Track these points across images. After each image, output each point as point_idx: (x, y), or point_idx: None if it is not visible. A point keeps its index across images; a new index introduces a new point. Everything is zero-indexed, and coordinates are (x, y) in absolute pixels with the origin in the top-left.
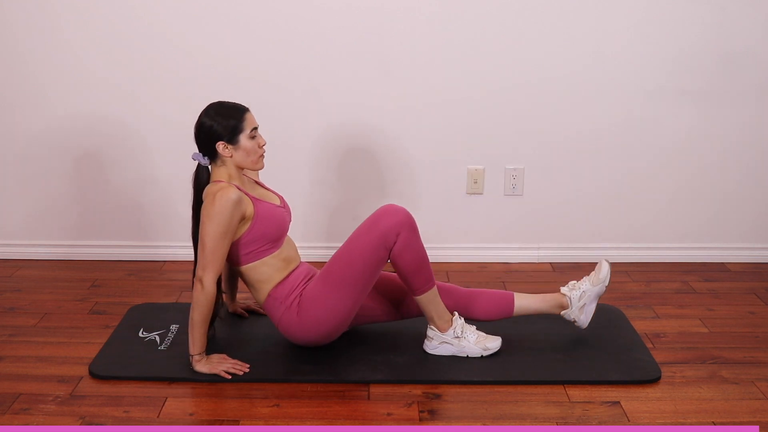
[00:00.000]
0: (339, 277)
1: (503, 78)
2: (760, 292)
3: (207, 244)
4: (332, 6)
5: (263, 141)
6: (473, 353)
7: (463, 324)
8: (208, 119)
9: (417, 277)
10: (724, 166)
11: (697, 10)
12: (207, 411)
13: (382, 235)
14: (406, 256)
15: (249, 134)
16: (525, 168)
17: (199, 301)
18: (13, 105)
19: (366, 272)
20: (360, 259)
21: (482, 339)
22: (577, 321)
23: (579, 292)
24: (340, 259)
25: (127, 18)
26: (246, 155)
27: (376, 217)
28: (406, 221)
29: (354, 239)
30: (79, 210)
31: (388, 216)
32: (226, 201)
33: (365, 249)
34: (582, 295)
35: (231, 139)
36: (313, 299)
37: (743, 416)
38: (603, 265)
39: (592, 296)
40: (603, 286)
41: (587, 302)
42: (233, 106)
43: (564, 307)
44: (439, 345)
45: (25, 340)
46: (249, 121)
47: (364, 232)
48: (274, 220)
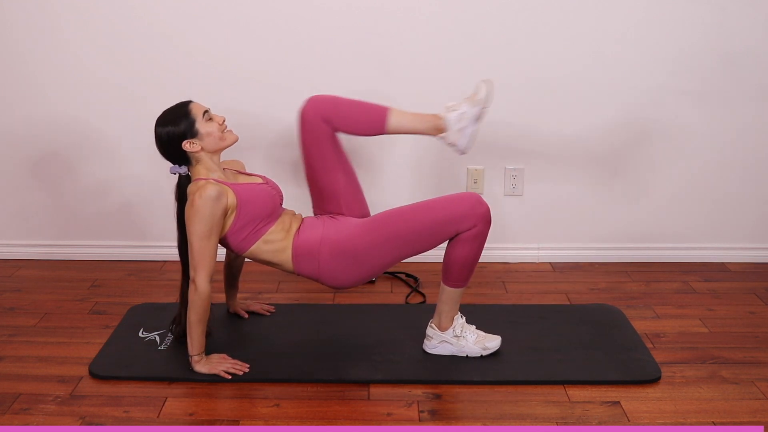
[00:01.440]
0: (400, 230)
1: (503, 78)
2: (760, 292)
3: (194, 245)
4: (332, 6)
5: (220, 118)
6: (473, 353)
7: (463, 324)
8: (160, 128)
9: (461, 271)
10: (724, 166)
11: (697, 10)
12: (207, 411)
13: (461, 215)
14: (465, 249)
15: (204, 120)
16: (525, 168)
17: (194, 302)
18: (12, 104)
19: (428, 237)
20: (429, 223)
21: (482, 338)
22: (457, 144)
23: (457, 113)
24: (405, 215)
25: (126, 18)
26: (212, 138)
27: (461, 197)
28: (488, 216)
29: (428, 205)
30: (79, 210)
31: (474, 202)
32: (205, 199)
33: (438, 218)
34: (461, 117)
35: (191, 133)
36: (362, 247)
37: (743, 416)
38: (481, 85)
39: (471, 117)
40: (482, 108)
41: (466, 125)
42: (175, 106)
43: (441, 130)
44: (439, 344)
45: (25, 340)
46: (196, 109)
47: (443, 204)
48: (259, 198)
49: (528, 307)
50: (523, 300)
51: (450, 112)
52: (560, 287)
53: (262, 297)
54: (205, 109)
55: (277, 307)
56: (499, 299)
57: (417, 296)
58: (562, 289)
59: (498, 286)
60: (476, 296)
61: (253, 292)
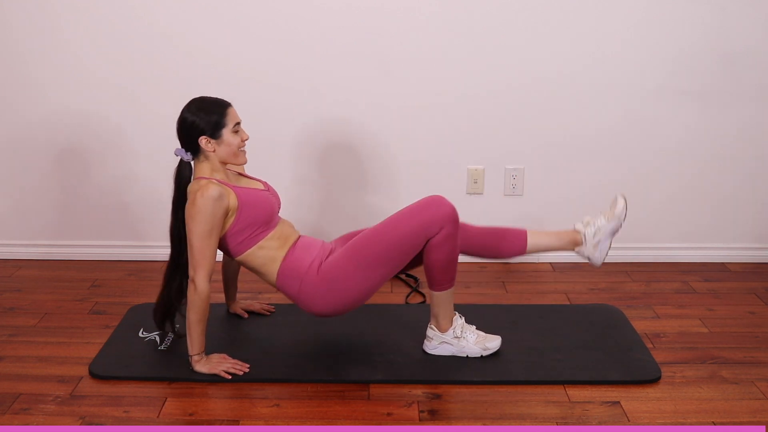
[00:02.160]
0: (371, 255)
1: (503, 78)
2: (760, 292)
3: (194, 244)
4: (332, 6)
5: (246, 136)
6: (473, 353)
7: (463, 324)
8: (190, 114)
9: (443, 273)
10: (724, 166)
11: (697, 10)
12: (207, 411)
13: (425, 223)
14: (441, 251)
15: (232, 129)
16: (525, 168)
17: (194, 302)
18: (13, 103)
19: (399, 255)
20: (397, 242)
21: (482, 339)
22: (591, 258)
23: (593, 228)
24: (375, 238)
25: (126, 18)
26: (229, 150)
27: (424, 204)
28: (453, 217)
29: (394, 222)
30: (80, 210)
31: (436, 206)
32: (207, 199)
33: (404, 233)
34: (597, 231)
35: (214, 134)
36: (339, 273)
37: (743, 416)
38: (619, 200)
39: (607, 233)
40: (619, 222)
41: (602, 239)
42: (215, 101)
43: (578, 244)
44: (439, 345)
45: (25, 340)
46: (231, 116)
47: (408, 216)
48: (260, 203)
49: (528, 307)
50: (523, 300)
51: (587, 227)
52: (560, 287)
53: (262, 297)
54: (238, 120)
55: (277, 307)
56: (499, 299)
57: (417, 296)
58: (562, 289)
59: (498, 286)
60: (476, 296)
61: (253, 291)
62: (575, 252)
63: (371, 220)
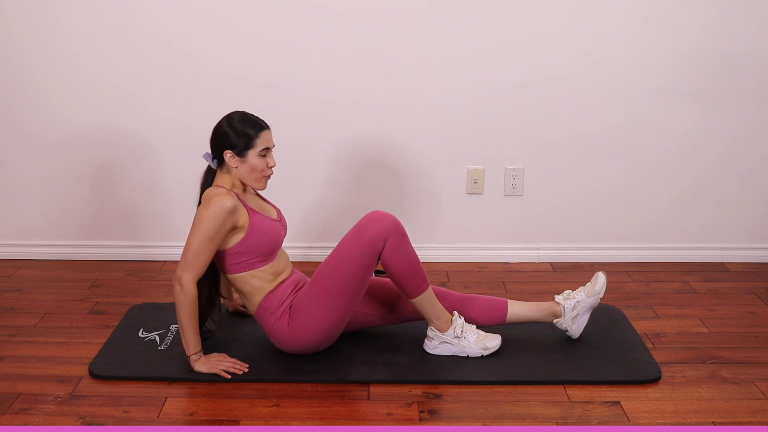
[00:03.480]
0: (327, 286)
1: (503, 78)
2: (760, 292)
3: (193, 245)
4: (332, 7)
5: (273, 162)
6: (473, 353)
7: (463, 324)
8: (226, 125)
9: (409, 280)
10: (724, 166)
11: (697, 10)
12: (207, 411)
13: (368, 242)
14: (397, 261)
15: (259, 152)
16: (525, 168)
17: (180, 302)
18: (15, 107)
19: (354, 281)
20: (348, 268)
21: (482, 338)
22: (569, 330)
23: (573, 302)
24: (328, 269)
25: (137, 25)
26: (250, 172)
27: (361, 225)
28: (393, 226)
29: (341, 248)
30: (79, 210)
31: (373, 223)
32: (220, 207)
33: (353, 258)
34: (576, 305)
35: (240, 152)
36: (302, 309)
37: (743, 416)
38: (599, 277)
39: (586, 307)
40: (597, 298)
41: (580, 313)
42: (254, 121)
43: (557, 316)
44: (440, 345)
45: (25, 340)
46: (263, 139)
47: (351, 240)
48: (268, 234)
49: None
50: (523, 300)
51: (566, 300)
52: (560, 287)
53: None
54: (269, 145)
55: None
56: None
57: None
58: (562, 289)
59: (498, 286)
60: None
61: None
62: (554, 323)
63: None
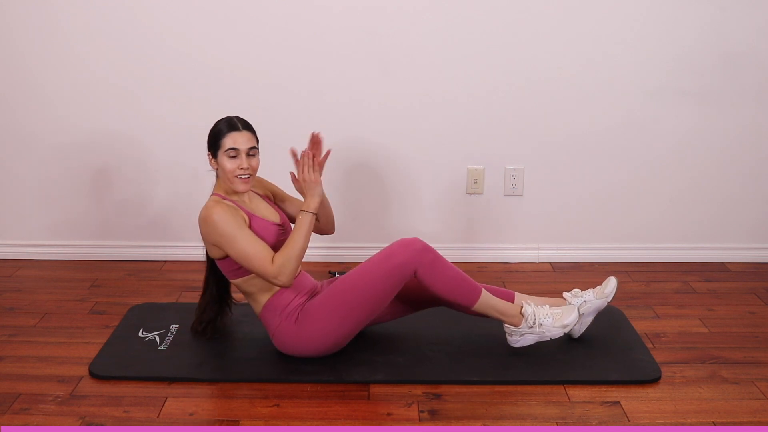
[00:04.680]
0: (345, 299)
1: (503, 78)
2: (760, 292)
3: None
4: (332, 7)
5: (245, 164)
6: (555, 335)
7: (534, 311)
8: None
9: (458, 296)
10: (724, 166)
11: (697, 10)
12: (207, 411)
13: (394, 267)
14: (437, 285)
15: (225, 153)
16: (525, 168)
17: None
18: (16, 107)
19: (372, 301)
20: (369, 287)
21: (558, 317)
22: (572, 330)
23: (581, 300)
24: (350, 283)
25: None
26: (223, 173)
27: (390, 251)
28: (420, 254)
29: (366, 267)
30: (79, 210)
31: (402, 249)
32: (222, 212)
33: (377, 278)
34: (583, 304)
35: (213, 153)
36: (314, 315)
37: (743, 416)
38: (611, 281)
39: (592, 309)
40: (605, 302)
41: (585, 313)
42: (225, 122)
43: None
44: (521, 337)
45: (25, 340)
46: (229, 140)
47: (378, 262)
48: (267, 238)
49: None
50: None
51: (575, 298)
52: (560, 287)
53: None
54: (235, 146)
55: None
56: None
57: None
58: (562, 289)
59: (498, 286)
60: None
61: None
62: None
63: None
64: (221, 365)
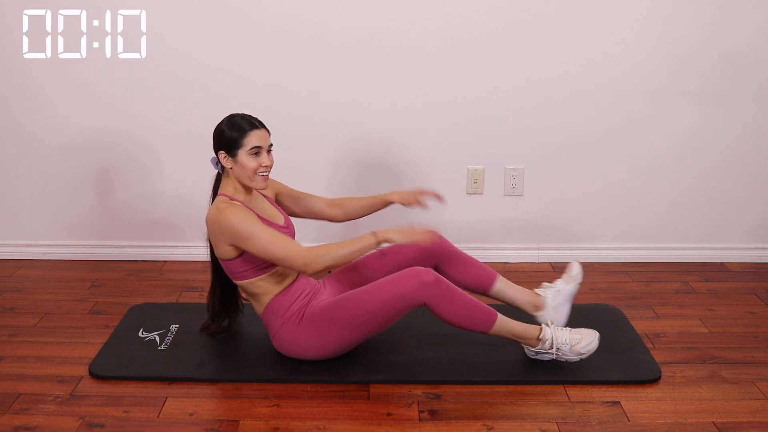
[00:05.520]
0: (350, 319)
1: (503, 78)
2: (760, 292)
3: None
4: (332, 7)
5: (267, 161)
6: (572, 359)
7: (552, 336)
8: (221, 126)
9: (474, 324)
10: (724, 166)
11: (697, 10)
12: (207, 411)
13: (404, 293)
14: (450, 315)
15: (248, 151)
16: (525, 168)
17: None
18: (16, 107)
19: (377, 320)
20: (376, 308)
21: (576, 343)
22: (554, 322)
23: (553, 290)
24: (356, 301)
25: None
26: (243, 171)
27: (402, 275)
28: (433, 282)
29: (377, 290)
30: (79, 210)
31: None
32: (236, 211)
33: (383, 301)
34: (556, 294)
35: (231, 152)
36: (315, 324)
37: (743, 416)
38: (573, 264)
39: (567, 295)
40: (576, 284)
41: (561, 301)
42: (244, 120)
43: (538, 308)
44: (536, 355)
45: (25, 340)
46: (252, 138)
47: (387, 288)
48: None
49: None
50: None
51: (547, 290)
52: None
53: None
54: (259, 144)
55: None
56: None
57: None
58: None
59: None
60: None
61: None
62: (535, 317)
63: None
64: (221, 365)
